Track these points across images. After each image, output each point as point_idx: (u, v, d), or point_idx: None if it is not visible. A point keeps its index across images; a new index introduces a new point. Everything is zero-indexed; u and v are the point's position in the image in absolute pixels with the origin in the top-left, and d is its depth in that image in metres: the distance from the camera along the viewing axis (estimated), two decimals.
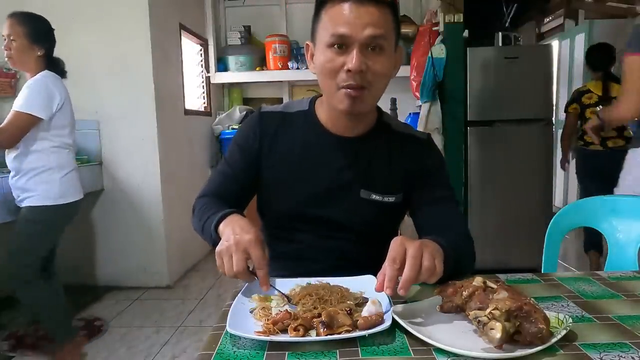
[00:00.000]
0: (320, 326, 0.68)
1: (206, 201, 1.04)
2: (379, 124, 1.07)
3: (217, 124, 4.24)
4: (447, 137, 3.12)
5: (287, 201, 1.05)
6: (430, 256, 0.74)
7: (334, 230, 1.04)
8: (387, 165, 1.04)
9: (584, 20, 4.94)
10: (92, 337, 2.49)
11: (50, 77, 2.06)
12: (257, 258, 0.80)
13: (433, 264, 0.74)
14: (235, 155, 1.08)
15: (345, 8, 0.90)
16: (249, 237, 0.81)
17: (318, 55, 0.95)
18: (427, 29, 3.17)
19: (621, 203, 1.31)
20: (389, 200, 1.04)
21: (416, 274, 0.72)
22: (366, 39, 0.89)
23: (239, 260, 0.79)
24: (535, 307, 0.66)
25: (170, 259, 3.28)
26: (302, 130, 1.05)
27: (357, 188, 1.03)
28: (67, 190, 2.13)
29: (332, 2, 0.92)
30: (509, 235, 3.26)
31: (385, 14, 0.91)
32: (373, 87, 0.94)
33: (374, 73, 0.92)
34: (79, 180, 2.24)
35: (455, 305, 0.73)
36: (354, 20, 0.89)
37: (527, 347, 0.63)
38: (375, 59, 0.91)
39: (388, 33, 0.92)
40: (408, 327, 0.68)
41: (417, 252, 0.73)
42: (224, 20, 4.52)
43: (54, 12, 3.04)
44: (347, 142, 1.03)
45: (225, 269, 0.80)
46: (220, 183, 1.09)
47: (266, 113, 1.08)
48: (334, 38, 0.90)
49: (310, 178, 1.03)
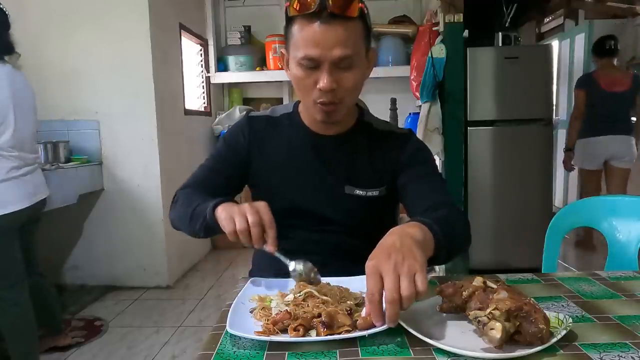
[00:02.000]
0: (320, 326, 0.69)
1: (191, 191, 1.07)
2: (360, 122, 1.12)
3: (217, 124, 4.25)
4: (447, 137, 3.12)
5: (278, 200, 1.07)
6: (408, 280, 0.66)
7: (324, 225, 1.07)
8: (369, 161, 1.08)
9: (584, 20, 4.94)
10: (92, 337, 2.48)
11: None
12: (268, 219, 0.84)
13: (412, 289, 0.66)
14: (222, 151, 1.14)
15: (314, 28, 0.90)
16: (261, 203, 0.86)
17: (292, 68, 0.98)
18: (427, 29, 3.17)
19: (621, 203, 1.31)
20: (373, 195, 1.07)
21: (398, 307, 0.66)
22: (335, 59, 0.91)
23: (253, 215, 0.83)
24: (535, 307, 0.66)
25: (170, 258, 3.28)
26: (288, 132, 1.11)
27: (342, 184, 1.07)
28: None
29: (300, 20, 0.92)
30: (509, 235, 3.25)
31: (354, 29, 0.92)
32: (345, 100, 0.98)
33: (345, 89, 0.96)
34: (22, 187, 1.94)
35: (455, 305, 0.73)
36: (322, 42, 0.90)
37: (527, 347, 0.63)
38: (346, 76, 0.94)
39: (357, 48, 0.94)
40: (408, 327, 0.68)
41: (394, 283, 0.66)
42: (224, 20, 4.52)
43: (54, 12, 3.06)
44: (330, 141, 1.09)
45: (237, 224, 0.82)
46: (205, 176, 1.12)
47: (253, 117, 1.14)
48: (304, 60, 0.93)
49: (298, 177, 1.08)
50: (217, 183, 1.10)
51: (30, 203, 1.97)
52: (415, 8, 4.33)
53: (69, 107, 3.09)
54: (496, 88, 3.15)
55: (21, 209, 1.93)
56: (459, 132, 3.14)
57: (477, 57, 3.12)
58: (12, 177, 1.89)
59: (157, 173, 3.16)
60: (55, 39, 2.56)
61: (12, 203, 1.89)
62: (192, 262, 3.70)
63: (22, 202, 1.94)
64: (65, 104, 3.09)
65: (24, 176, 1.96)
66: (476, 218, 3.23)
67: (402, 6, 4.29)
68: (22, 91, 1.95)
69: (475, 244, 1.91)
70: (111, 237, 3.21)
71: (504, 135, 3.20)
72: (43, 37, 3.04)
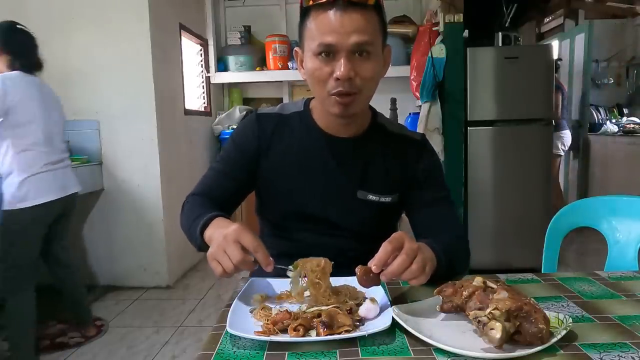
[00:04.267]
0: (320, 326, 0.69)
1: (195, 201, 1.04)
2: (373, 124, 1.09)
3: (217, 124, 4.24)
4: (447, 137, 3.12)
5: (285, 202, 1.06)
6: (421, 261, 0.76)
7: (332, 229, 1.05)
8: (383, 166, 1.06)
9: (584, 20, 4.95)
10: (92, 337, 2.48)
11: (8, 75, 2.06)
12: (249, 243, 0.78)
13: (421, 269, 0.76)
14: (232, 153, 1.09)
15: (329, 16, 0.89)
16: (234, 227, 0.80)
17: (307, 62, 0.96)
18: (427, 29, 3.17)
19: (621, 203, 1.31)
20: (386, 201, 1.05)
21: (402, 271, 0.74)
22: (352, 46, 0.90)
23: (234, 250, 0.77)
24: (535, 307, 0.66)
25: (170, 259, 3.28)
26: (298, 132, 1.06)
27: (354, 189, 1.04)
28: (28, 194, 2.07)
29: (316, 10, 0.91)
30: (509, 235, 3.26)
31: (370, 18, 0.91)
32: (363, 91, 0.95)
33: (362, 78, 0.93)
34: (53, 180, 2.17)
35: (455, 305, 0.73)
36: (339, 29, 0.89)
37: (527, 347, 0.63)
38: (363, 64, 0.92)
39: (374, 37, 0.92)
40: (408, 327, 0.68)
41: (412, 252, 0.75)
42: (224, 20, 4.51)
43: (54, 13, 3.06)
44: (343, 143, 1.05)
45: (224, 266, 0.77)
46: (215, 180, 1.09)
47: (263, 115, 1.09)
48: (320, 47, 0.91)
49: (307, 179, 1.05)
50: (227, 187, 1.07)
51: (63, 194, 2.21)
52: (415, 8, 4.33)
53: (69, 107, 3.07)
54: (496, 88, 3.15)
55: (55, 199, 2.16)
56: (459, 132, 3.14)
57: (477, 57, 3.12)
58: (46, 170, 2.14)
59: (157, 173, 3.16)
60: (55, 39, 2.57)
61: (48, 194, 2.13)
62: (192, 262, 3.70)
63: (57, 193, 2.18)
64: (65, 104, 3.05)
65: (57, 170, 2.20)
66: (476, 218, 3.23)
67: (402, 6, 4.29)
68: (48, 96, 2.25)
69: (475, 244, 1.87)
70: (111, 237, 3.21)
71: (504, 135, 3.20)
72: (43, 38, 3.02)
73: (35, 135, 2.11)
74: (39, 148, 2.12)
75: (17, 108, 2.04)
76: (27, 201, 2.07)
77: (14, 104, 2.02)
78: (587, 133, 4.69)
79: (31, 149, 2.09)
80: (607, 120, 4.74)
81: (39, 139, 2.12)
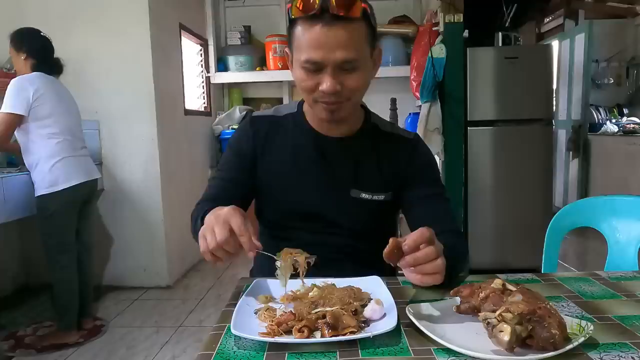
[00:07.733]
0: (324, 327, 0.68)
1: (203, 206, 1.04)
2: (366, 124, 1.10)
3: (217, 124, 4.24)
4: (447, 137, 3.12)
5: (282, 202, 1.08)
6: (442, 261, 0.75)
7: (329, 227, 1.07)
8: (376, 165, 1.07)
9: (584, 20, 4.95)
10: (92, 337, 2.48)
11: (29, 76, 2.25)
12: (237, 225, 0.76)
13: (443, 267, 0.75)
14: (231, 159, 1.11)
15: (316, 31, 0.89)
16: (227, 209, 0.79)
17: (294, 70, 0.97)
18: (427, 29, 3.17)
19: (621, 203, 1.31)
20: (379, 199, 1.06)
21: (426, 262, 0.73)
22: (338, 62, 0.90)
23: (221, 230, 0.76)
24: (550, 312, 0.64)
25: (170, 259, 3.28)
26: (292, 133, 1.09)
27: (348, 187, 1.06)
28: (58, 178, 2.27)
29: (303, 22, 0.91)
30: (509, 235, 3.26)
31: (357, 30, 0.91)
32: (351, 99, 0.96)
33: (349, 89, 0.94)
34: (78, 165, 2.38)
35: (472, 307, 0.72)
36: (325, 45, 0.89)
37: (539, 352, 0.62)
38: (350, 77, 0.93)
39: (361, 51, 0.92)
40: (422, 327, 0.68)
41: (440, 249, 0.76)
42: (224, 20, 4.51)
43: (54, 13, 3.05)
44: (335, 143, 1.07)
45: (208, 242, 0.77)
46: (220, 188, 1.09)
47: (257, 117, 1.12)
48: (306, 62, 0.91)
49: (302, 179, 1.06)
50: (233, 193, 1.07)
51: (89, 178, 2.43)
52: (415, 8, 4.33)
53: None
54: (496, 88, 3.15)
55: (82, 182, 2.36)
56: (459, 132, 3.14)
57: (477, 57, 3.12)
58: (72, 155, 2.36)
59: (157, 173, 3.16)
60: (55, 38, 2.56)
61: (76, 177, 2.34)
62: (192, 262, 3.70)
63: (84, 176, 2.39)
64: None
65: (80, 157, 2.42)
66: (476, 218, 3.23)
67: (402, 6, 4.29)
68: (67, 94, 2.46)
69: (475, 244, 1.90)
70: (111, 237, 3.21)
71: (504, 135, 3.20)
72: None
73: (59, 125, 2.31)
74: (64, 136, 2.33)
75: (41, 101, 2.23)
76: (58, 185, 2.27)
77: (38, 98, 2.21)
78: (587, 133, 4.69)
79: (56, 137, 2.29)
80: (607, 120, 4.74)
81: (63, 128, 2.33)
